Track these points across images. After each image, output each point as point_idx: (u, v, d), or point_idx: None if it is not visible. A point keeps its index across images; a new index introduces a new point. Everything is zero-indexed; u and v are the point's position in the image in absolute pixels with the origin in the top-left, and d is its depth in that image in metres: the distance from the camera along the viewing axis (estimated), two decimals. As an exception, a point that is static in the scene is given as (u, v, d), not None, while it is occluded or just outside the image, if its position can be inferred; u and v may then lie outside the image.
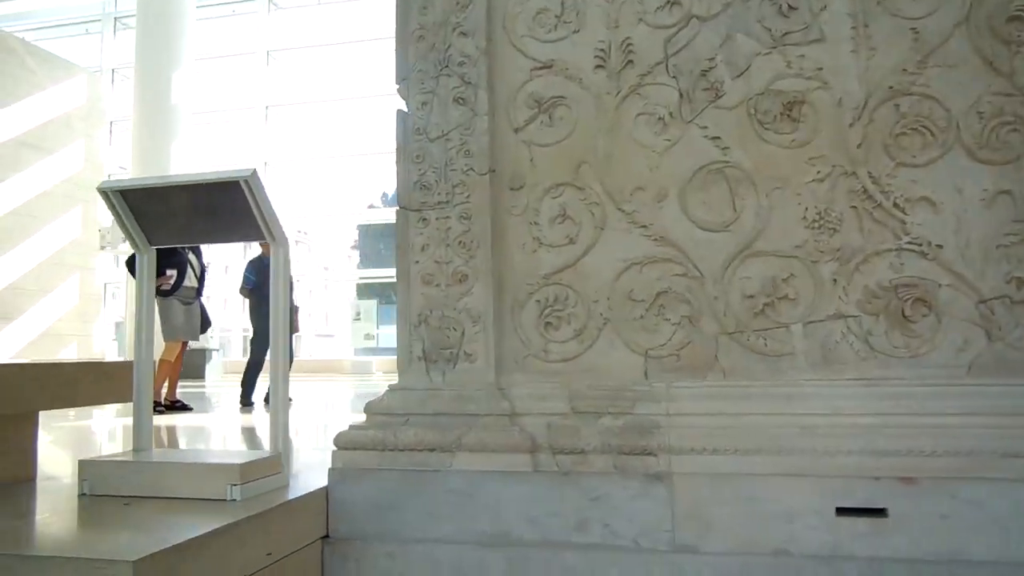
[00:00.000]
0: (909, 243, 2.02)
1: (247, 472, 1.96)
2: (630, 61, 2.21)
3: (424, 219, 2.29)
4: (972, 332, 1.98)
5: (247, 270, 5.94)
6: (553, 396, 2.14)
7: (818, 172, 2.08)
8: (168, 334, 5.55)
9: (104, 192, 2.13)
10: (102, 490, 2.02)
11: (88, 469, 2.04)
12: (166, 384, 5.61)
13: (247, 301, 6.03)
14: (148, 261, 2.29)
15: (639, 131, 2.20)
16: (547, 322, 2.22)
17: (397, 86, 2.36)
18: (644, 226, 2.18)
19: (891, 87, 2.05)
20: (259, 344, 5.88)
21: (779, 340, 2.08)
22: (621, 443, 2.01)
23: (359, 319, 15.65)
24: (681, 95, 2.18)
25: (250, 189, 2.04)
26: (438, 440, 2.10)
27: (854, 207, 2.06)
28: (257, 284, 5.82)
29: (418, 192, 2.30)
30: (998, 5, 2.01)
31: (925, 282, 2.01)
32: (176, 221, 2.21)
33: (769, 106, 2.12)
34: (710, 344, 2.12)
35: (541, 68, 2.28)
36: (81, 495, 2.03)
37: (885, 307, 2.02)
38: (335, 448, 2.18)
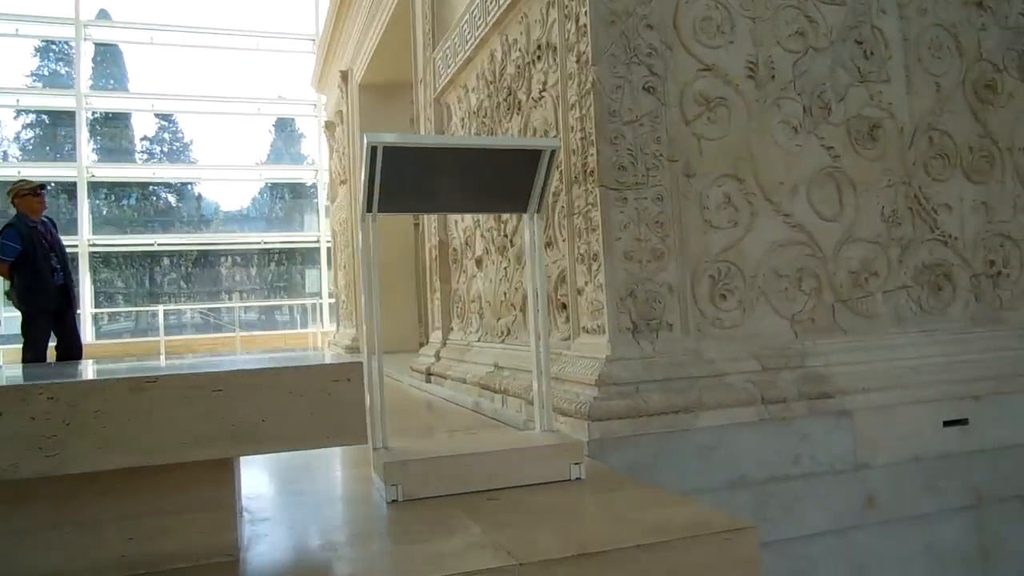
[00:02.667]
0: (938, 235, 2.88)
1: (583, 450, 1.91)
2: (772, 76, 2.65)
3: (624, 198, 2.41)
4: (968, 297, 2.92)
5: (4, 236, 4.45)
6: (742, 357, 2.48)
7: (888, 180, 2.81)
8: None
9: (373, 146, 1.81)
10: (418, 493, 1.75)
11: (398, 472, 1.73)
12: None
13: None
14: (375, 228, 1.97)
15: (778, 135, 2.66)
16: (721, 294, 2.54)
17: (593, 67, 2.41)
18: (786, 214, 2.65)
19: (928, 123, 2.88)
20: (35, 335, 4.47)
21: (870, 305, 2.76)
22: (808, 390, 2.46)
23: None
24: (804, 109, 2.70)
25: (550, 160, 1.96)
26: (683, 402, 2.29)
27: (909, 208, 2.84)
28: (24, 253, 4.43)
29: (616, 172, 2.40)
30: (979, 74, 2.97)
31: (946, 263, 2.89)
32: (431, 186, 1.96)
33: (859, 126, 2.77)
34: (829, 310, 2.70)
35: (704, 70, 2.57)
36: (392, 502, 1.72)
37: (927, 280, 2.85)
38: (589, 420, 2.19)
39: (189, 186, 18.57)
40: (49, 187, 4.90)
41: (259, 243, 15.48)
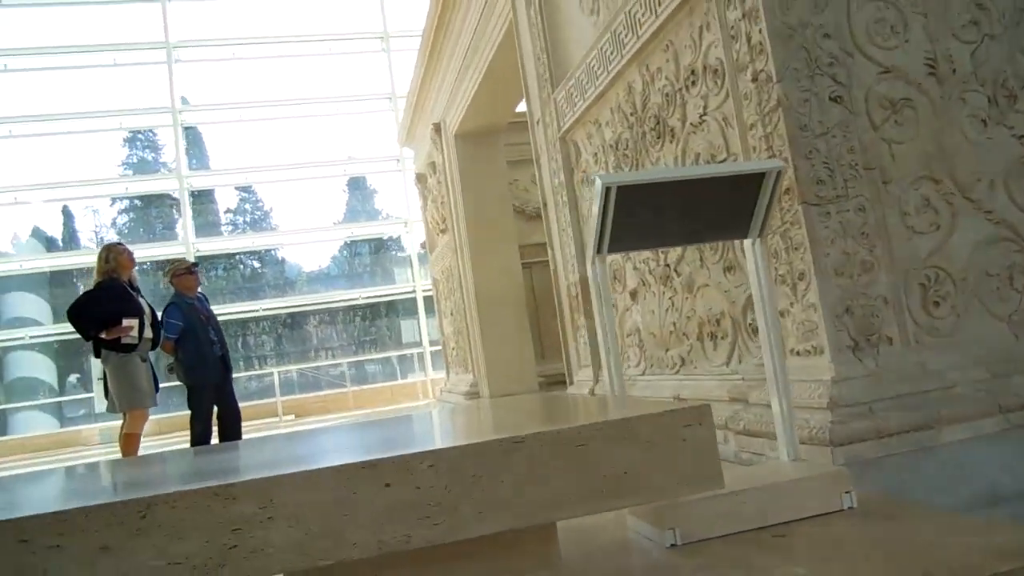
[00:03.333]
0: None
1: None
2: (953, 70, 2.56)
3: (827, 213, 2.35)
4: None
5: (168, 315, 4.71)
6: (968, 365, 2.36)
7: (1088, 162, 2.66)
8: (137, 400, 4.19)
9: (607, 187, 1.81)
10: (697, 535, 1.70)
11: (674, 514, 1.70)
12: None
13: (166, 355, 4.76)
14: (604, 269, 1.97)
15: (968, 130, 2.55)
16: (934, 301, 2.44)
17: (778, 84, 2.38)
18: (987, 211, 2.53)
19: (1123, 98, 2.72)
20: (200, 406, 4.68)
21: (1089, 296, 2.59)
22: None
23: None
24: (989, 100, 2.59)
25: (775, 181, 1.93)
26: (922, 419, 2.18)
27: (1115, 188, 2.67)
28: (186, 330, 4.67)
29: (816, 187, 2.35)
30: None
31: None
32: (653, 222, 1.95)
33: (1050, 110, 2.64)
34: (1045, 305, 2.55)
35: (884, 72, 2.50)
36: (671, 546, 1.68)
37: None
38: (832, 446, 2.11)
39: (273, 251, 19.32)
40: (198, 265, 5.18)
41: (353, 299, 15.86)
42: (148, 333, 4.52)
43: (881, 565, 1.41)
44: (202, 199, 17.72)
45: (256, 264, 20.15)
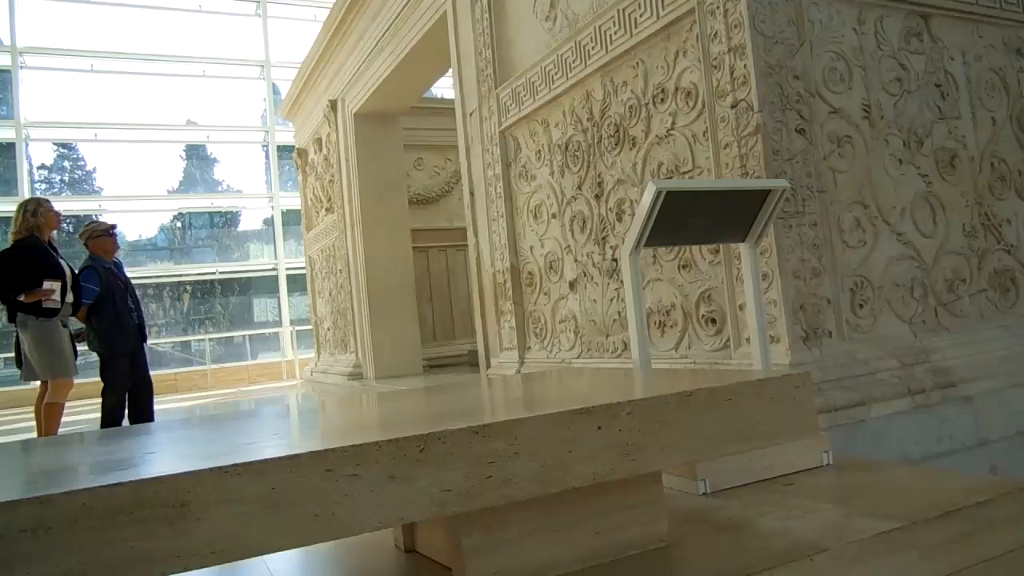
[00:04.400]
0: (1003, 246, 3.42)
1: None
2: (881, 116, 3.11)
3: (789, 225, 2.79)
4: (1027, 296, 3.47)
5: (84, 278, 4.33)
6: (885, 356, 2.91)
7: (966, 201, 3.33)
8: (61, 369, 3.81)
9: (660, 190, 2.11)
10: (722, 484, 2.05)
11: (701, 468, 2.03)
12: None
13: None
14: (638, 262, 2.27)
15: (888, 166, 3.12)
16: (859, 304, 2.97)
17: (759, 112, 2.79)
18: (899, 233, 3.11)
19: (990, 151, 3.42)
20: (116, 377, 4.35)
21: (961, 306, 3.25)
22: (938, 381, 2.91)
23: None
24: (904, 144, 3.18)
25: (779, 198, 2.32)
26: (859, 397, 2.68)
27: (982, 224, 3.36)
28: (104, 295, 4.34)
29: (783, 203, 2.78)
30: (1021, 108, 3.55)
31: (1010, 268, 3.43)
32: (682, 223, 2.27)
33: (942, 157, 3.28)
34: (933, 312, 3.17)
35: (832, 112, 3.00)
36: (703, 494, 2.02)
37: (998, 283, 3.38)
38: (795, 418, 2.54)
39: (95, 216, 17.81)
40: (116, 227, 4.85)
41: (208, 273, 15.05)
42: (70, 297, 4.22)
43: (877, 502, 1.82)
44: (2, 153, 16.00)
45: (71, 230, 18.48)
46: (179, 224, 19.48)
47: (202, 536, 1.03)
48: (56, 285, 4.10)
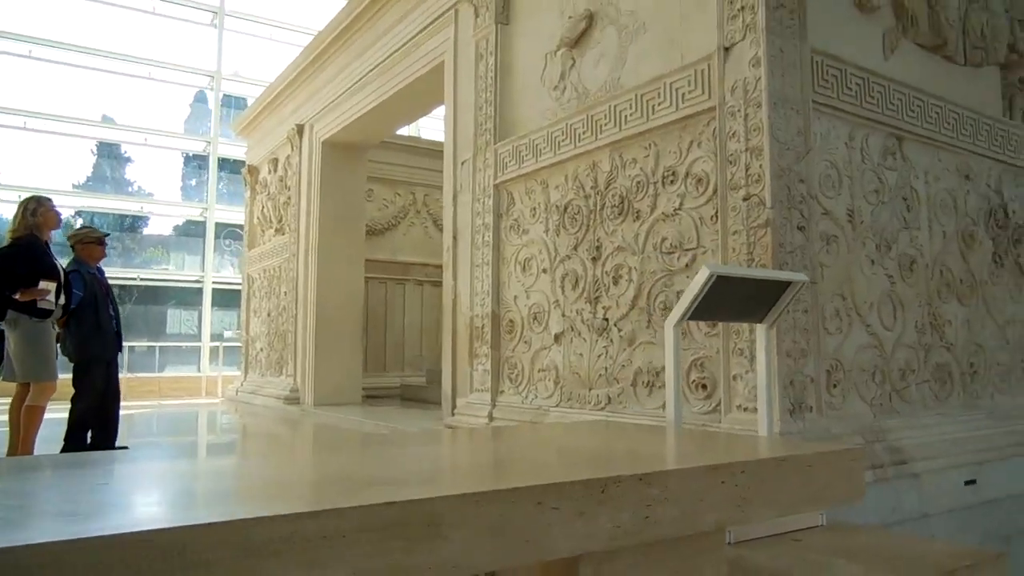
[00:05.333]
0: (944, 344, 3.91)
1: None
2: (861, 221, 3.56)
3: (788, 310, 3.15)
4: (959, 389, 3.97)
5: (73, 284, 4.16)
6: (852, 433, 3.29)
7: (919, 302, 3.81)
8: (47, 372, 3.64)
9: (712, 273, 2.41)
10: (742, 536, 2.32)
11: (732, 522, 2.29)
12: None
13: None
14: (680, 333, 2.54)
15: (863, 265, 3.56)
16: (833, 384, 3.35)
17: (770, 208, 3.15)
18: (867, 325, 3.54)
19: (939, 260, 3.93)
20: (91, 384, 4.17)
21: (910, 394, 3.70)
22: (892, 458, 3.32)
23: None
24: (876, 247, 3.63)
25: (800, 288, 2.67)
26: (836, 468, 3.03)
27: (929, 323, 3.85)
28: (86, 300, 4.20)
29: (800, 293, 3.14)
30: (965, 226, 4.10)
31: (947, 364, 3.92)
32: (716, 302, 2.57)
33: (904, 261, 3.76)
34: (888, 396, 3.60)
35: (824, 213, 3.42)
36: (728, 544, 2.28)
37: (937, 376, 3.86)
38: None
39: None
40: (109, 236, 4.74)
41: (134, 279, 14.40)
42: (61, 299, 4.10)
43: (882, 561, 2.13)
44: None
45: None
46: (79, 222, 18.57)
47: (446, 553, 1.20)
48: (52, 286, 3.99)
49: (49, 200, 4.29)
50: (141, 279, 14.51)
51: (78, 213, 17.84)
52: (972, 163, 4.19)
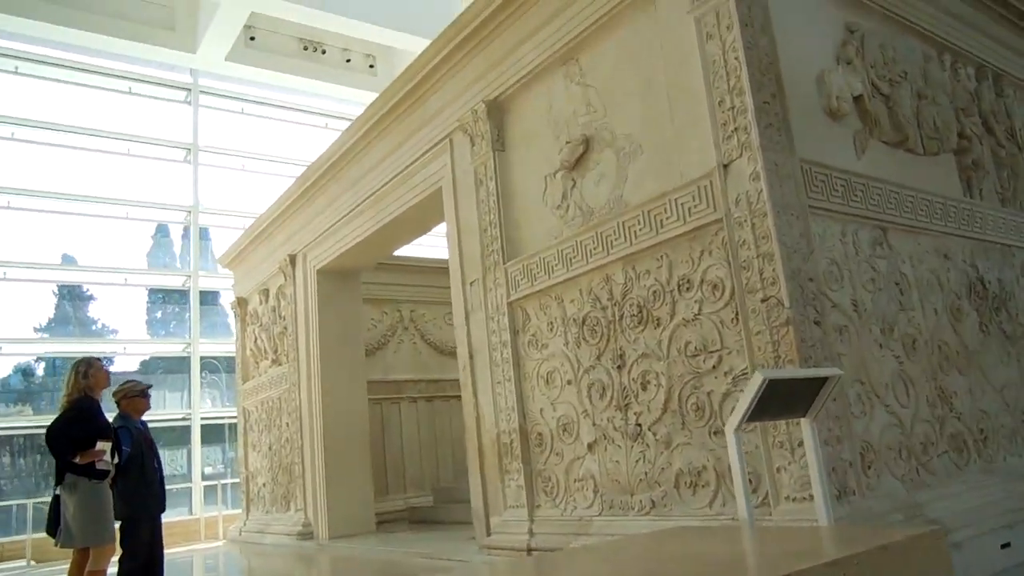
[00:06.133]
0: (954, 415, 4.18)
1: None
2: (865, 309, 3.87)
3: (819, 400, 3.39)
4: (974, 456, 4.20)
5: (122, 441, 4.19)
6: (892, 511, 3.47)
7: (926, 378, 4.09)
8: (107, 535, 3.62)
9: (766, 378, 2.64)
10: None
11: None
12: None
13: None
14: (741, 440, 2.75)
15: (873, 349, 3.83)
16: (868, 465, 3.56)
17: (789, 308, 3.43)
18: (886, 405, 3.78)
19: (936, 336, 4.24)
20: (139, 541, 4.12)
21: (932, 465, 3.92)
22: (933, 528, 3.49)
23: None
24: (881, 331, 3.93)
25: (836, 383, 2.91)
26: (888, 548, 3.20)
27: (939, 396, 4.12)
28: (133, 456, 4.22)
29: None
30: (951, 300, 4.44)
31: (960, 433, 4.17)
32: (767, 402, 2.79)
33: (907, 341, 4.05)
34: (915, 470, 3.81)
35: (834, 306, 3.72)
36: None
37: (954, 446, 4.10)
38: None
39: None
40: (152, 387, 4.82)
41: None
42: (115, 458, 4.15)
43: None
44: None
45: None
46: (41, 366, 18.24)
47: None
48: (107, 446, 4.05)
49: (99, 360, 4.39)
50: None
51: (39, 358, 17.57)
52: (948, 243, 4.58)
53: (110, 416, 4.44)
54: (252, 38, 13.39)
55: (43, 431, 4.16)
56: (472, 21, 5.45)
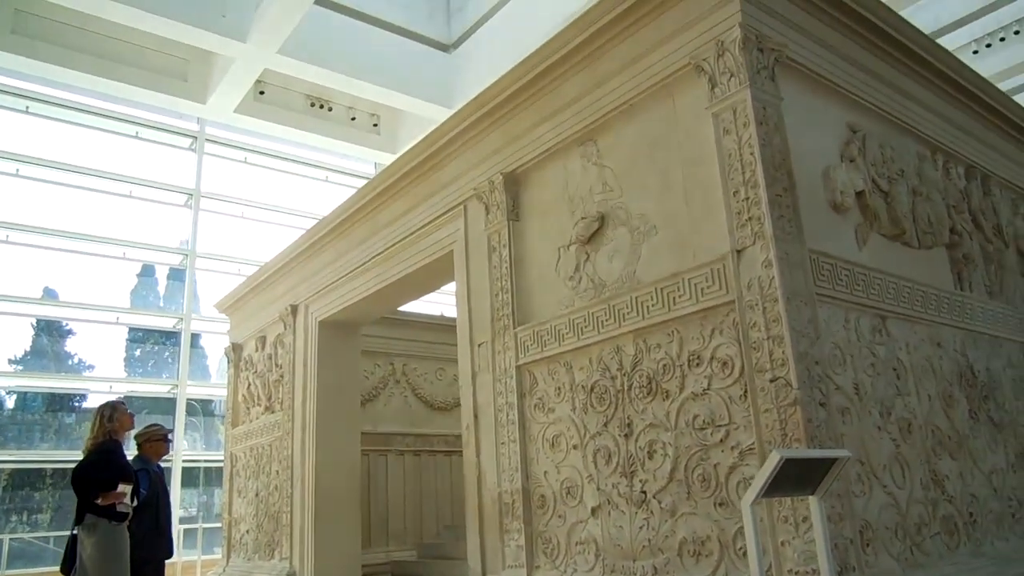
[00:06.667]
0: (945, 497, 4.36)
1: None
2: (865, 392, 4.08)
3: (823, 479, 3.56)
4: (964, 538, 4.38)
5: (141, 483, 4.25)
6: (890, 589, 3.62)
7: (919, 460, 4.28)
8: None
9: (782, 457, 2.82)
10: None
11: None
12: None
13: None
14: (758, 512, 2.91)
15: (872, 431, 4.04)
16: (865, 543, 3.71)
17: (797, 390, 3.64)
18: (884, 485, 3.96)
19: (929, 421, 4.46)
20: None
21: (926, 546, 4.08)
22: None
23: None
24: (880, 414, 4.13)
25: (844, 464, 3.09)
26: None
27: (931, 479, 4.31)
28: (147, 499, 4.27)
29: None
30: (944, 387, 4.68)
31: (952, 516, 4.35)
32: (782, 478, 2.96)
33: (902, 424, 4.26)
34: (909, 550, 3.97)
35: (837, 389, 3.93)
36: None
37: (946, 528, 4.28)
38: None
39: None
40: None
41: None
42: (134, 501, 4.20)
43: None
44: None
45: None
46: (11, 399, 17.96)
47: None
48: (128, 488, 4.11)
49: (123, 404, 4.48)
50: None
51: (8, 392, 17.29)
52: (941, 332, 4.85)
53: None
54: (262, 92, 13.74)
55: (10, 466, 4.22)
56: (493, 99, 5.74)
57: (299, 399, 8.31)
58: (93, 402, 17.65)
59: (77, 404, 18.02)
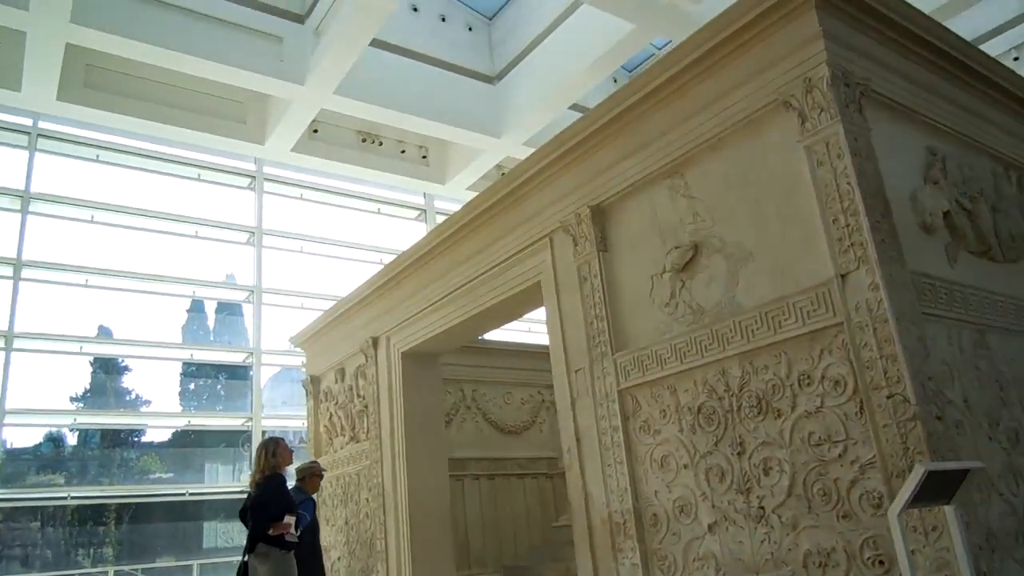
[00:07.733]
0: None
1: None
2: (974, 405, 4.28)
3: (948, 489, 3.77)
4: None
5: (305, 509, 4.63)
6: (1018, 592, 3.81)
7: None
8: None
9: (926, 471, 3.05)
10: None
11: None
12: None
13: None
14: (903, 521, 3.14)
15: (984, 443, 4.23)
16: (992, 549, 3.91)
17: (916, 405, 3.86)
18: (1001, 493, 4.16)
19: None
20: None
21: None
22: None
23: None
24: (988, 425, 4.33)
25: (977, 475, 3.31)
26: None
27: None
28: (307, 527, 4.63)
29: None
30: None
31: None
32: (924, 490, 3.19)
33: (1010, 434, 4.45)
34: None
35: (949, 403, 4.13)
36: None
37: (1058, 530, 4.45)
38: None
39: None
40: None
41: (183, 495, 14.34)
42: (298, 531, 4.55)
43: None
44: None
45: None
46: (72, 435, 18.53)
47: None
48: (293, 520, 4.45)
49: (283, 439, 4.87)
50: (190, 494, 14.50)
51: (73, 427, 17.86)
52: (1035, 342, 5.03)
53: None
54: (316, 131, 14.25)
55: (75, 502, 4.58)
56: (574, 137, 6.04)
57: (386, 428, 8.64)
58: (151, 436, 18.23)
59: (136, 439, 18.61)
